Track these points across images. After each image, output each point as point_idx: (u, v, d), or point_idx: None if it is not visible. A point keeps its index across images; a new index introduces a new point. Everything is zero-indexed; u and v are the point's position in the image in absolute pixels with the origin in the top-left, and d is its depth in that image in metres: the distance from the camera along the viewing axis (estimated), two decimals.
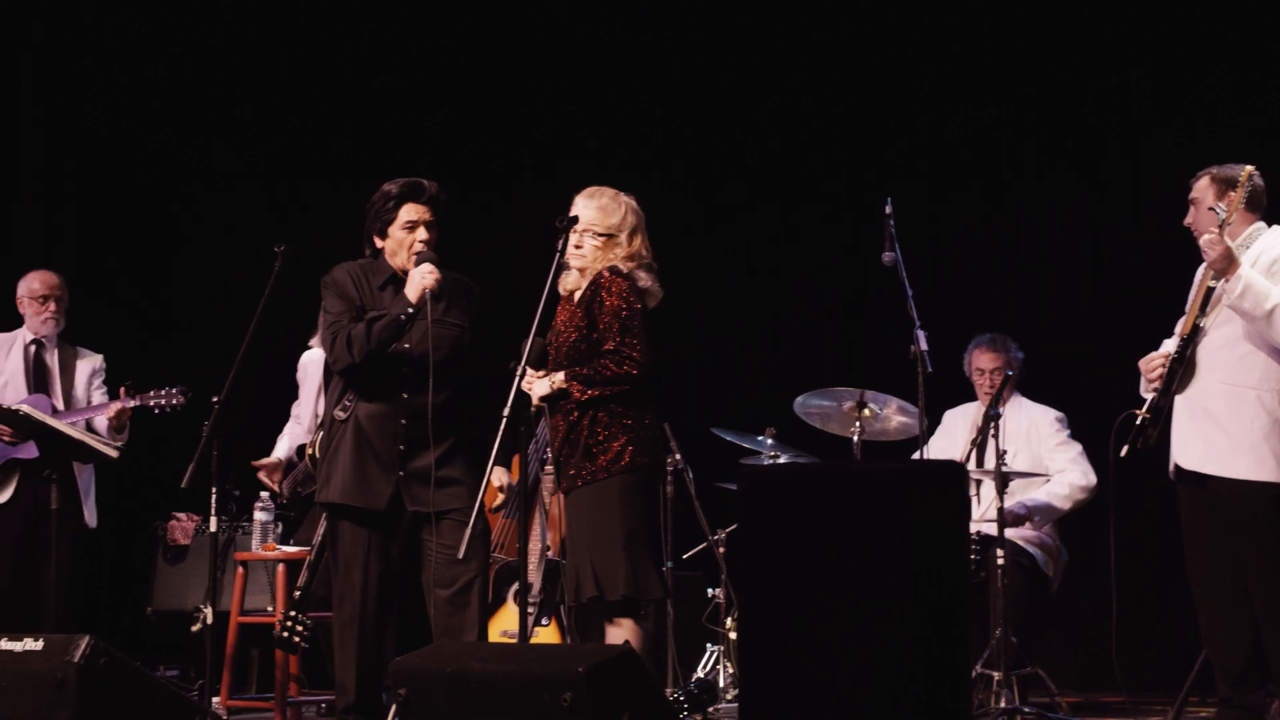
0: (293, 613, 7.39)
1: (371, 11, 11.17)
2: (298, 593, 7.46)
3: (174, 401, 8.51)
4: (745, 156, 10.95)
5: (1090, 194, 10.30)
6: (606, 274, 6.48)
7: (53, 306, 8.91)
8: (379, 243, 6.93)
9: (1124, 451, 7.11)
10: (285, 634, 7.38)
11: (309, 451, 8.36)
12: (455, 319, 6.85)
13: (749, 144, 10.93)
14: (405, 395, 6.78)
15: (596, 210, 6.56)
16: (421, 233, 6.85)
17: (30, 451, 8.57)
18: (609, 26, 10.96)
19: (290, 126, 11.21)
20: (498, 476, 6.91)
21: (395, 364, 6.76)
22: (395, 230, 6.87)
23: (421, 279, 6.71)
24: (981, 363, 8.94)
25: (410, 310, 6.71)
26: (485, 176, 10.89)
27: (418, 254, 6.81)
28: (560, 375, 6.45)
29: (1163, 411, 7.09)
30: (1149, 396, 7.13)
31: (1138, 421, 7.11)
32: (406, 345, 6.76)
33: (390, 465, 6.77)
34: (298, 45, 11.17)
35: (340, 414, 6.87)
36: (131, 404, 8.54)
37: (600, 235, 6.55)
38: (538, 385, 6.47)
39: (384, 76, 11.15)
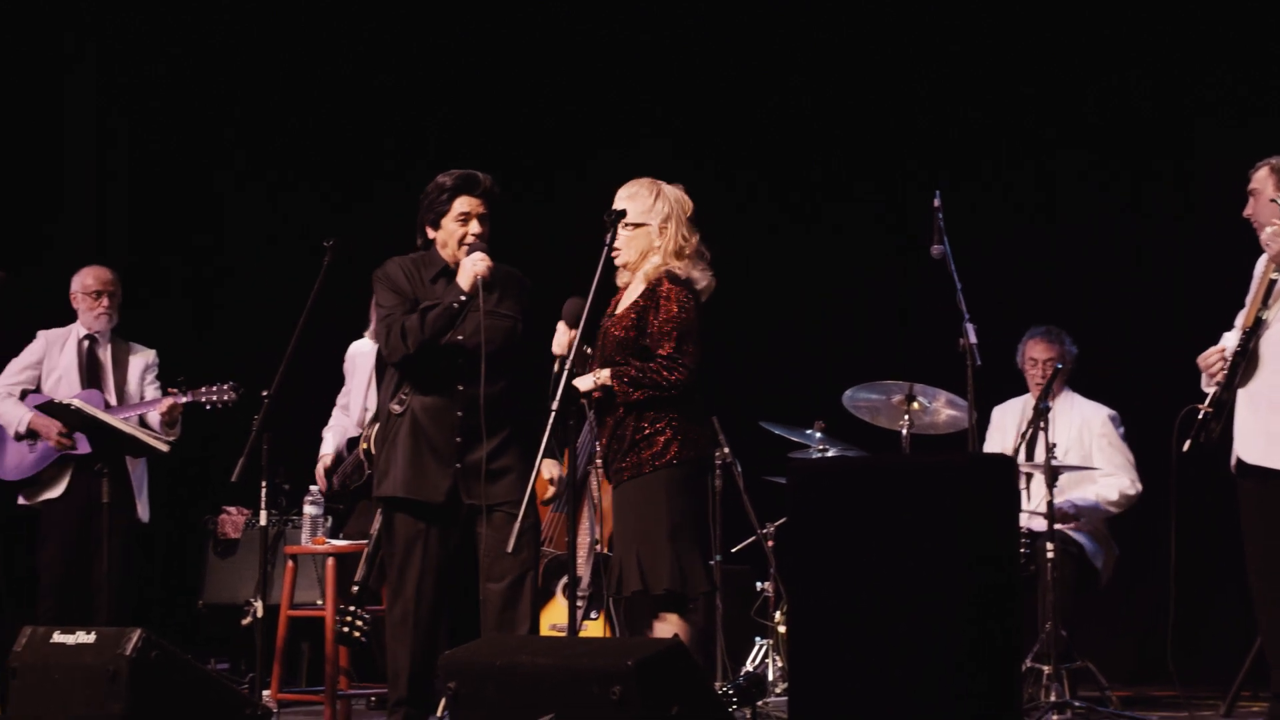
0: (351, 607, 7.40)
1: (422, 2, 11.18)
2: (355, 587, 7.47)
3: (225, 397, 8.54)
4: (797, 150, 10.92)
5: (1143, 185, 10.27)
6: (667, 283, 6.44)
7: (106, 302, 8.94)
8: (431, 233, 6.94)
9: (1186, 446, 7.06)
10: (345, 629, 7.39)
11: (363, 446, 8.37)
12: (508, 310, 6.87)
13: (799, 137, 10.90)
14: (461, 387, 6.79)
15: (627, 200, 6.53)
16: (474, 225, 6.86)
17: (83, 446, 8.61)
18: (669, 24, 10.94)
19: (339, 120, 11.22)
20: (548, 469, 6.91)
21: (450, 355, 6.77)
22: (448, 222, 6.88)
23: (473, 267, 6.72)
24: (1035, 353, 8.92)
25: (463, 298, 6.71)
26: (530, 168, 10.90)
27: (469, 245, 6.82)
28: (606, 373, 6.43)
29: (1225, 406, 7.03)
30: (1210, 391, 7.08)
31: (1199, 416, 7.06)
32: (460, 336, 6.77)
33: (447, 458, 6.78)
34: (345, 39, 11.18)
35: (396, 407, 6.88)
36: (183, 400, 8.57)
37: (634, 226, 6.52)
38: (583, 380, 6.46)
39: (430, 68, 11.15)
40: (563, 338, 6.48)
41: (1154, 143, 10.26)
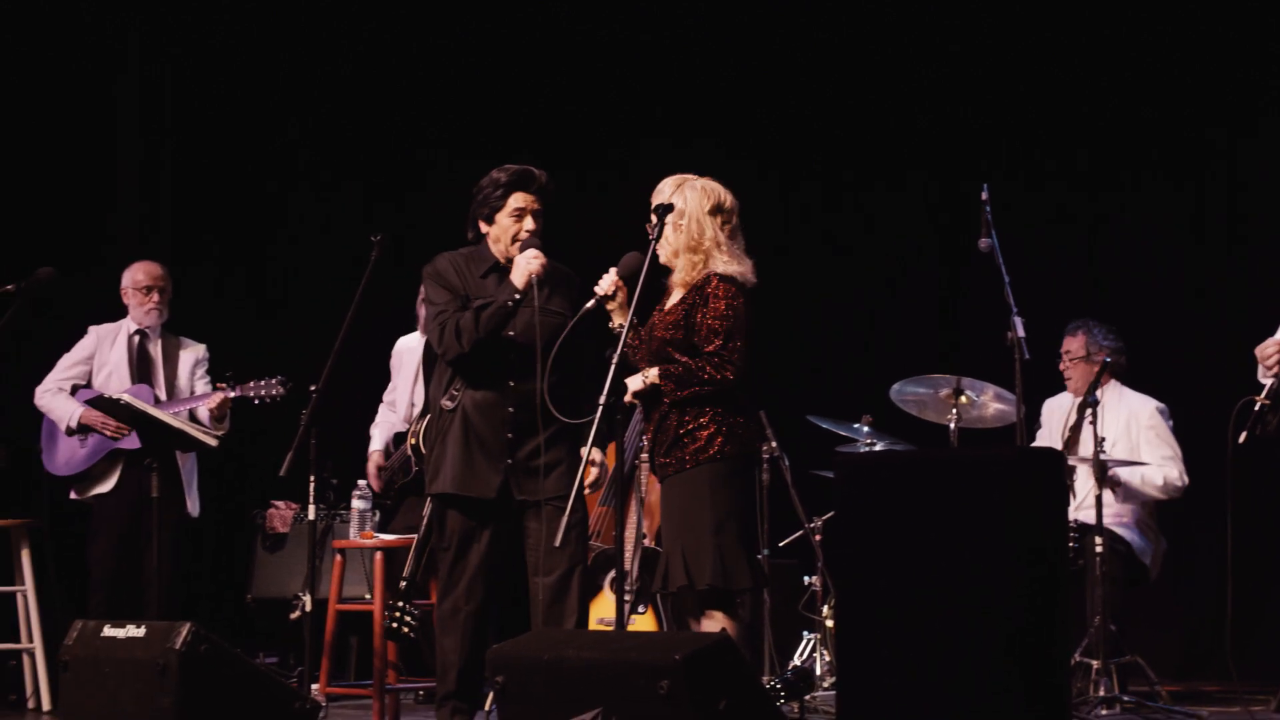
0: (400, 603, 7.41)
1: None
2: (403, 582, 7.49)
3: (274, 392, 8.56)
4: (841, 142, 10.90)
5: (1196, 175, 10.22)
6: (715, 280, 6.42)
7: (156, 297, 8.97)
8: (484, 228, 6.91)
9: (1242, 438, 7.00)
10: (394, 625, 7.40)
11: (411, 440, 8.39)
12: (558, 307, 6.83)
13: (844, 130, 10.88)
14: (512, 383, 6.79)
15: (671, 195, 6.50)
16: (529, 222, 6.83)
17: (133, 441, 8.64)
18: (715, 17, 10.94)
19: (389, 113, 11.24)
20: (593, 454, 6.90)
21: (501, 352, 6.77)
22: (502, 218, 6.85)
23: (527, 264, 6.71)
24: (1064, 346, 8.91)
25: (517, 296, 6.70)
26: (574, 162, 10.91)
27: (522, 241, 6.82)
28: (654, 371, 6.42)
29: None
30: (1267, 383, 7.03)
31: (1256, 407, 7.01)
32: (512, 333, 6.77)
33: (498, 454, 6.79)
34: (391, 30, 11.19)
35: (447, 403, 6.89)
36: (232, 394, 8.59)
37: (678, 221, 6.48)
38: (632, 381, 6.45)
39: (480, 62, 11.15)
40: (608, 280, 6.46)
41: (1204, 132, 10.21)
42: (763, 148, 10.85)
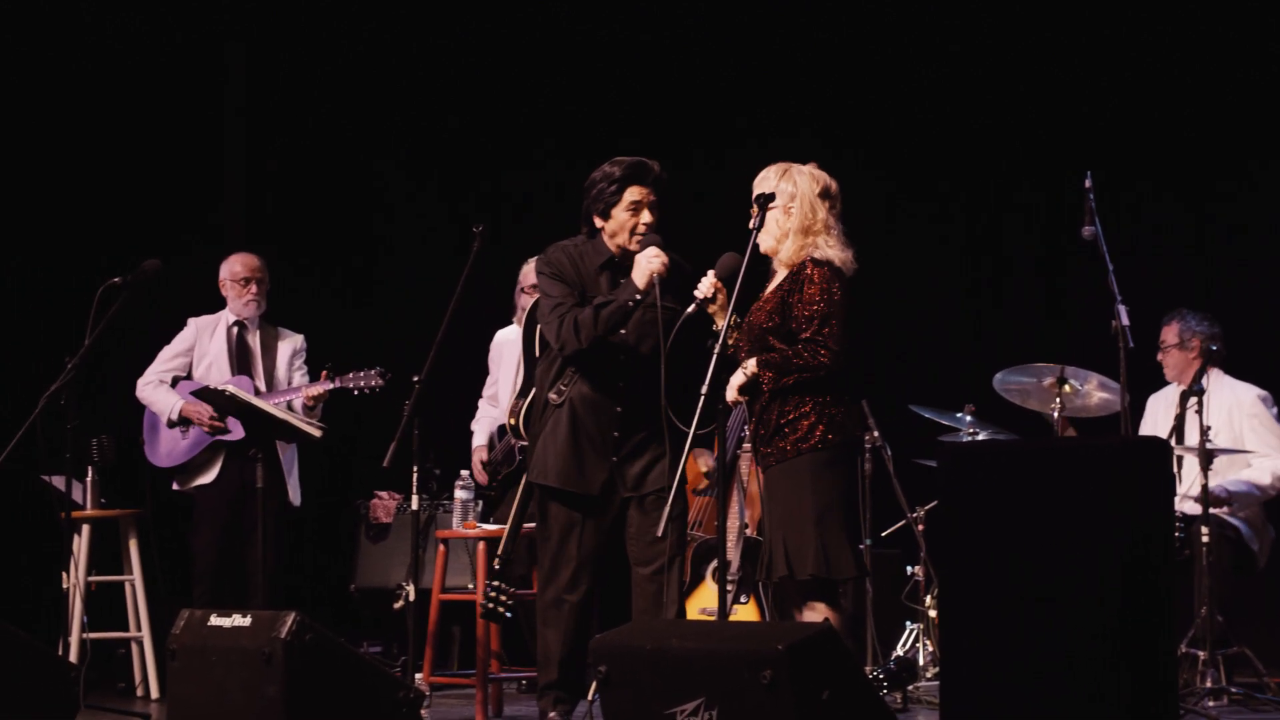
0: (496, 583, 7.42)
1: None
2: (497, 562, 7.49)
3: (373, 383, 8.59)
4: (946, 133, 10.84)
5: None
6: (810, 265, 6.40)
7: (254, 288, 9.02)
8: (599, 223, 6.87)
9: None
10: (490, 604, 7.41)
11: (510, 421, 8.40)
12: (670, 303, 6.75)
13: (951, 121, 10.82)
14: (621, 384, 6.79)
15: (758, 184, 6.47)
16: (646, 215, 6.79)
17: (235, 432, 8.70)
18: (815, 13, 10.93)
19: (488, 105, 11.27)
20: (704, 462, 6.91)
21: (613, 349, 6.77)
22: (618, 212, 6.81)
23: (648, 264, 6.66)
24: (1160, 337, 8.85)
25: (638, 297, 6.68)
26: (670, 154, 10.90)
27: (643, 237, 6.78)
28: (751, 363, 6.40)
29: None
30: None
31: None
32: (623, 331, 6.76)
33: (605, 451, 6.80)
34: (486, 24, 11.22)
35: (555, 396, 6.89)
36: (331, 386, 8.63)
37: (780, 209, 6.46)
38: (733, 377, 6.42)
39: (577, 55, 11.17)
40: (707, 283, 6.44)
41: None
42: (864, 138, 10.81)
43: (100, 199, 10.60)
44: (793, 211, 6.43)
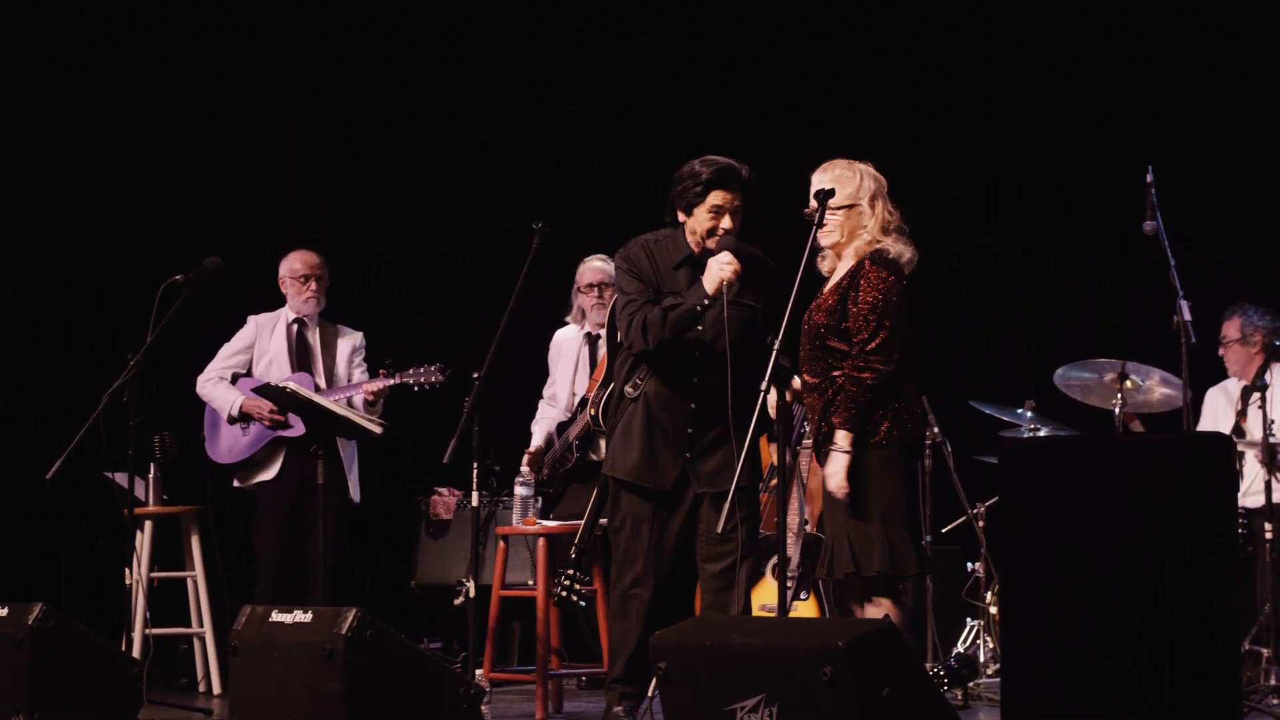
0: (571, 571, 7.42)
1: None
2: (573, 550, 7.51)
3: (433, 379, 8.61)
4: (1008, 128, 10.80)
5: None
6: (867, 264, 6.37)
7: (314, 286, 9.05)
8: (681, 217, 6.86)
9: None
10: (564, 593, 7.42)
11: (590, 411, 8.38)
12: (750, 300, 6.78)
13: (1013, 116, 10.78)
14: (695, 379, 6.79)
15: (832, 181, 6.43)
16: (726, 220, 6.76)
17: (296, 429, 8.73)
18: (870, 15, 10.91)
19: (550, 100, 11.28)
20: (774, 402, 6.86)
21: (687, 347, 6.77)
22: (700, 213, 6.78)
23: (719, 270, 6.63)
24: (1221, 332, 8.80)
25: (706, 302, 6.66)
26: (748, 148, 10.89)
27: (719, 241, 6.75)
28: (842, 437, 6.30)
29: None
30: None
31: None
32: (699, 328, 6.75)
33: (678, 447, 6.80)
34: (551, 18, 11.23)
35: (630, 390, 6.90)
36: (392, 382, 8.66)
37: (841, 207, 6.45)
38: (833, 463, 6.33)
39: (642, 53, 11.17)
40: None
41: None
42: (922, 132, 10.77)
43: (161, 197, 10.64)
44: (854, 209, 6.41)
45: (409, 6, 11.23)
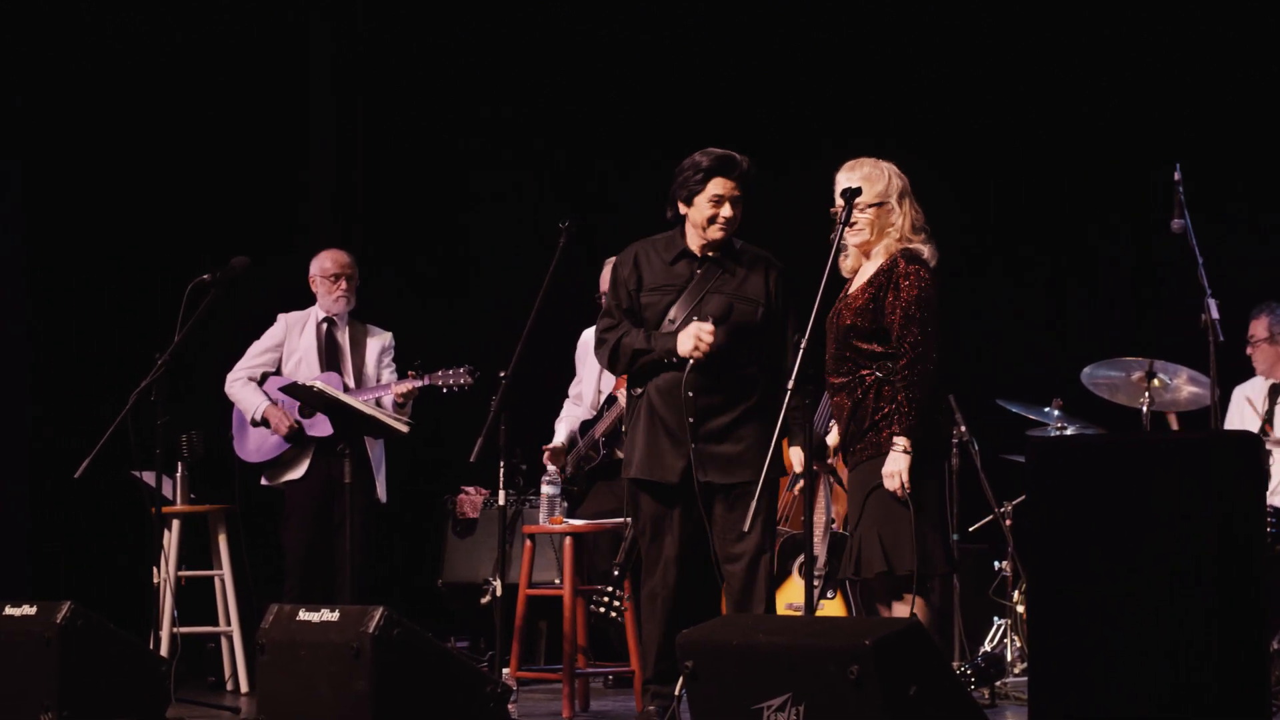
0: (611, 589, 7.47)
1: None
2: (615, 569, 7.56)
3: (462, 381, 8.62)
4: (1035, 126, 10.78)
5: None
6: (903, 263, 6.37)
7: (344, 285, 9.06)
8: (682, 209, 6.91)
9: None
10: (602, 610, 7.48)
11: (624, 428, 8.40)
12: (752, 294, 6.85)
13: (1039, 113, 10.75)
14: (692, 370, 6.80)
15: (861, 180, 6.43)
16: (727, 209, 6.81)
17: (324, 428, 8.74)
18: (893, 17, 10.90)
19: (578, 99, 11.28)
20: (799, 460, 6.88)
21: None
22: (700, 202, 6.83)
23: (696, 338, 6.71)
24: (1249, 331, 8.78)
25: (674, 359, 6.76)
26: (776, 148, 10.90)
27: (711, 303, 6.82)
28: (901, 444, 6.28)
29: None
30: None
31: None
32: (695, 319, 6.78)
33: (682, 439, 6.80)
34: (580, 18, 11.23)
35: (636, 389, 6.94)
36: (420, 383, 8.67)
37: (871, 206, 6.44)
38: (896, 466, 6.32)
39: (669, 49, 11.16)
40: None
41: None
42: (956, 134, 10.75)
43: (191, 197, 10.67)
44: (880, 207, 6.40)
45: (438, 6, 11.24)
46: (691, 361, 6.70)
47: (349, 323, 9.12)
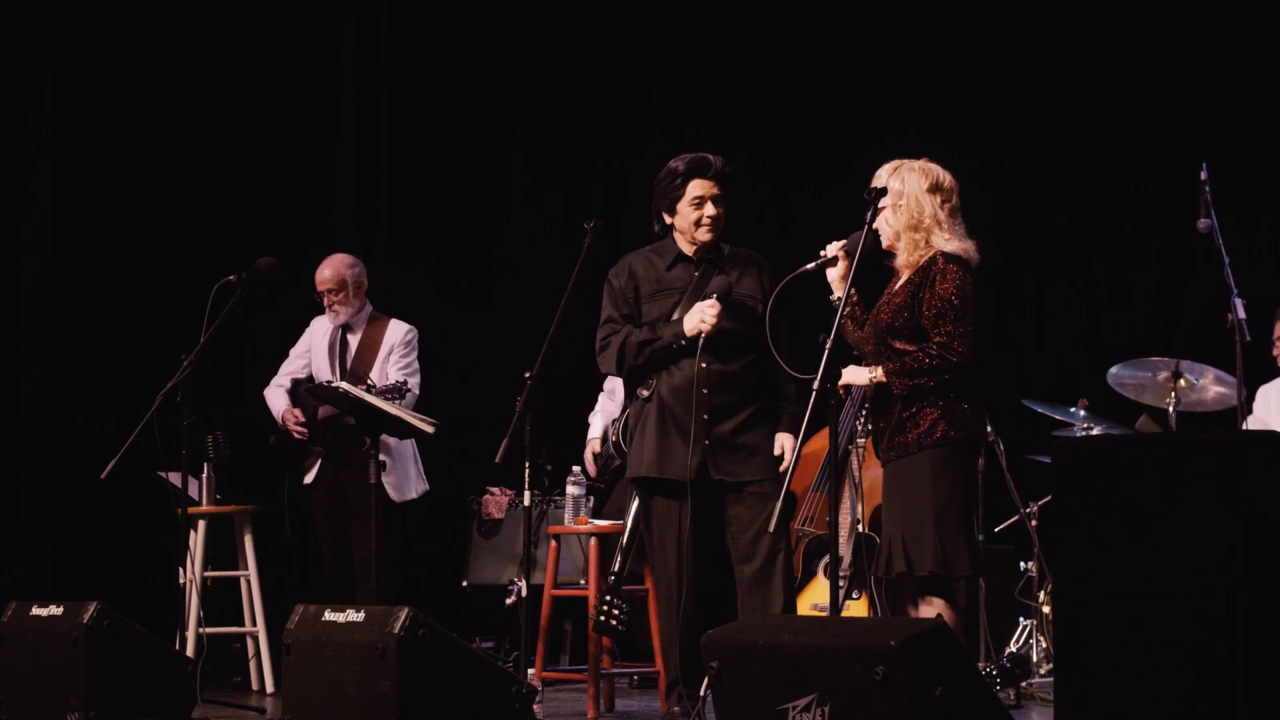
0: (609, 597, 7.47)
1: None
2: (612, 577, 7.54)
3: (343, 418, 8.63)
4: (1062, 125, 10.76)
5: None
6: (941, 259, 6.36)
7: (329, 299, 8.94)
8: (668, 219, 7.01)
9: None
10: (603, 619, 7.49)
11: (612, 438, 8.41)
12: (748, 289, 6.93)
13: (1067, 113, 10.73)
14: (704, 365, 6.81)
15: (894, 178, 6.41)
16: (709, 208, 6.91)
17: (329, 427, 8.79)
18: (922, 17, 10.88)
19: (605, 99, 11.27)
20: (789, 448, 6.89)
21: (693, 339, 6.82)
22: (683, 206, 6.93)
23: (701, 316, 6.77)
24: (1275, 332, 8.76)
25: (684, 342, 6.79)
26: (794, 155, 10.89)
27: (713, 283, 6.84)
28: (879, 371, 6.36)
29: None
30: None
31: None
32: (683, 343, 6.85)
33: (696, 436, 6.81)
34: (607, 15, 11.23)
35: (644, 392, 6.97)
36: (359, 392, 8.48)
37: (892, 206, 6.43)
38: (854, 373, 6.39)
39: (699, 51, 11.15)
40: (833, 247, 6.47)
41: None
42: (981, 131, 10.73)
43: (218, 197, 10.68)
44: (900, 209, 6.40)
45: (466, 3, 11.24)
46: (702, 340, 6.72)
47: (368, 322, 9.05)
